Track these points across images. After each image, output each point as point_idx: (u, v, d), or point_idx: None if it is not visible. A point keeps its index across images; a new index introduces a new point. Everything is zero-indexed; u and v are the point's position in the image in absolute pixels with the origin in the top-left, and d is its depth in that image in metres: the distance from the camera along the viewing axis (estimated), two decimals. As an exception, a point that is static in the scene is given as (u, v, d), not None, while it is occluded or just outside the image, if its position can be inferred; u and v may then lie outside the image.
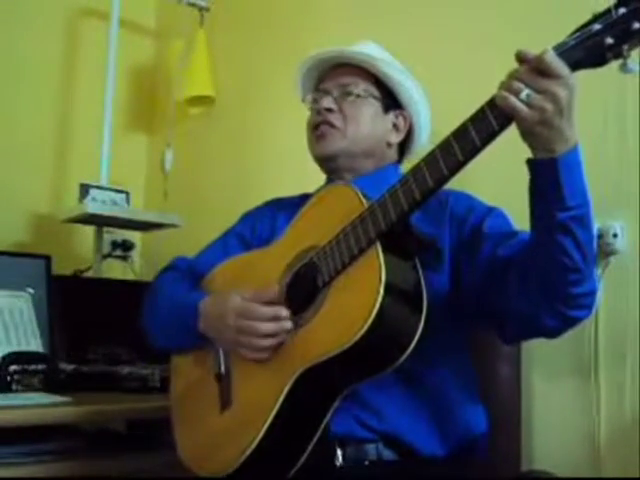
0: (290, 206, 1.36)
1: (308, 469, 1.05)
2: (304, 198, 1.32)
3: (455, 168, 0.96)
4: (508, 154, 1.07)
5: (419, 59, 1.77)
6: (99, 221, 2.28)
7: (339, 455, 1.10)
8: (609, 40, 0.86)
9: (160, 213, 2.38)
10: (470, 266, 1.14)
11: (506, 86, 0.90)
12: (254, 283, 1.19)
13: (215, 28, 2.46)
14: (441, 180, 0.97)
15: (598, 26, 0.87)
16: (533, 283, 1.02)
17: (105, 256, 2.42)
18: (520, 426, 1.44)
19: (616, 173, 1.39)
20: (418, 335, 0.98)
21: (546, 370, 1.49)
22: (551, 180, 0.93)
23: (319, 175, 1.39)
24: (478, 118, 0.93)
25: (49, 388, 1.64)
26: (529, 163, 0.96)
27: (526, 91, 0.88)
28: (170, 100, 2.50)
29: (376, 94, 1.32)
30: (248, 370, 1.14)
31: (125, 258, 2.54)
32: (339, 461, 1.10)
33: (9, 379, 1.61)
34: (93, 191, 2.21)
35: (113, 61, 2.37)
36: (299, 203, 1.29)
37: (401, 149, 1.39)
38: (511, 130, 0.93)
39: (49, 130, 2.52)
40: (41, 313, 1.84)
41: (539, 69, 0.88)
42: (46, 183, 2.49)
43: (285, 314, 1.09)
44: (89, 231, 2.36)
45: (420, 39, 1.81)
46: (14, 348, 1.71)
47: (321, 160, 1.33)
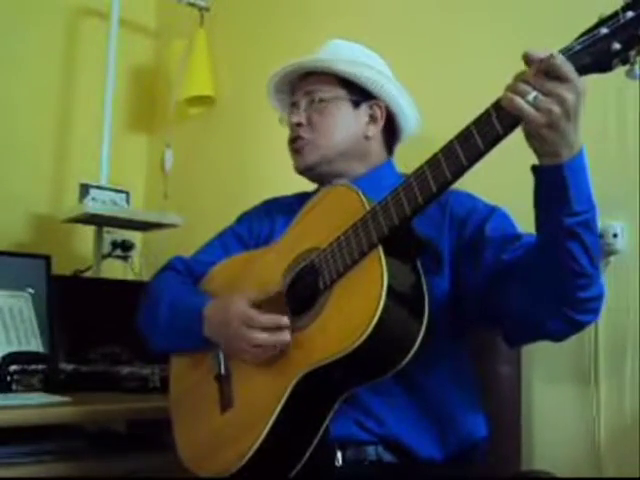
0: (288, 205, 1.36)
1: (308, 469, 1.05)
2: (302, 197, 1.32)
3: (458, 172, 0.95)
4: (510, 154, 1.06)
5: (417, 59, 1.78)
6: (99, 221, 2.28)
7: (339, 456, 1.10)
8: (616, 46, 0.85)
9: (160, 213, 2.37)
10: (472, 270, 1.12)
11: (513, 88, 0.88)
12: (254, 284, 1.19)
13: (215, 28, 2.46)
14: (444, 184, 0.96)
15: (605, 30, 0.86)
16: (540, 288, 1.01)
17: (105, 256, 2.42)
18: (520, 426, 1.44)
19: (616, 173, 1.39)
20: (419, 340, 0.98)
21: (546, 370, 1.49)
22: (557, 186, 0.92)
23: (318, 175, 1.38)
24: (482, 121, 0.92)
25: (49, 388, 1.64)
26: (534, 169, 0.95)
27: (533, 94, 0.86)
28: (170, 100, 2.50)
29: (341, 94, 1.30)
30: (249, 371, 1.14)
31: (125, 258, 2.53)
32: (339, 462, 1.10)
33: (9, 379, 1.61)
34: (93, 191, 2.21)
35: (113, 61, 2.37)
36: (297, 202, 1.29)
37: (388, 144, 1.36)
38: (517, 132, 0.92)
39: (49, 130, 2.52)
40: (41, 313, 1.84)
41: (547, 72, 0.86)
42: (46, 183, 2.49)
43: (286, 322, 1.08)
44: (89, 231, 2.36)
45: (419, 40, 1.81)
46: (14, 348, 1.71)
47: (302, 173, 1.33)
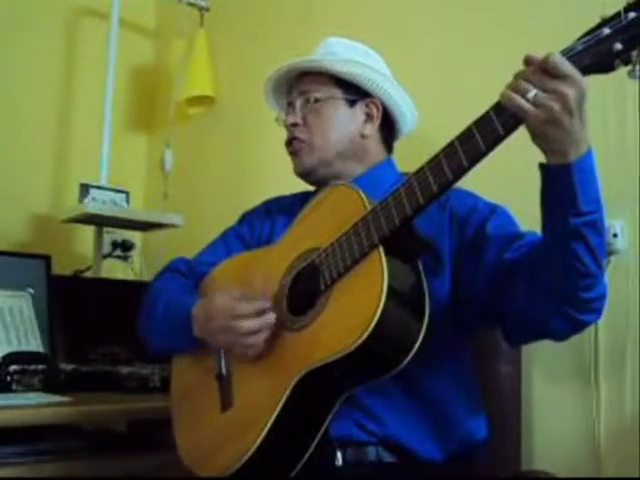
0: (289, 205, 1.36)
1: (308, 469, 1.05)
2: (303, 197, 1.31)
3: (460, 173, 0.94)
4: (513, 153, 1.06)
5: (418, 59, 1.78)
6: (99, 221, 2.28)
7: (339, 457, 1.10)
8: (618, 46, 0.85)
9: (160, 213, 2.38)
10: (474, 269, 1.12)
11: (512, 86, 0.88)
12: (255, 283, 1.19)
13: (215, 28, 2.46)
14: (445, 185, 0.96)
15: (607, 31, 0.86)
16: (543, 287, 1.00)
17: (105, 256, 2.41)
18: (520, 426, 1.44)
19: (616, 173, 1.38)
20: (420, 340, 0.98)
21: (546, 370, 1.49)
22: (565, 185, 0.91)
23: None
24: (483, 122, 0.91)
25: (49, 388, 1.64)
26: (542, 168, 0.94)
27: (533, 91, 0.86)
28: (170, 100, 2.50)
29: (336, 93, 1.29)
30: (249, 371, 1.14)
31: (125, 258, 2.53)
32: (339, 462, 1.10)
33: (9, 379, 1.61)
34: (93, 191, 2.21)
35: (113, 61, 2.37)
36: (299, 202, 1.29)
37: (387, 142, 1.35)
38: (518, 130, 0.91)
39: (49, 130, 2.52)
40: (41, 313, 1.84)
41: (546, 69, 0.86)
42: (46, 183, 2.49)
43: (269, 306, 1.10)
44: (89, 231, 2.36)
45: (419, 39, 1.81)
46: (14, 348, 1.71)
47: (301, 177, 1.33)
